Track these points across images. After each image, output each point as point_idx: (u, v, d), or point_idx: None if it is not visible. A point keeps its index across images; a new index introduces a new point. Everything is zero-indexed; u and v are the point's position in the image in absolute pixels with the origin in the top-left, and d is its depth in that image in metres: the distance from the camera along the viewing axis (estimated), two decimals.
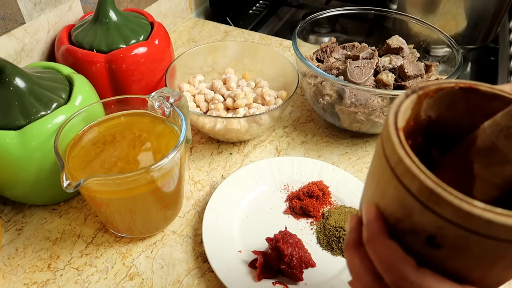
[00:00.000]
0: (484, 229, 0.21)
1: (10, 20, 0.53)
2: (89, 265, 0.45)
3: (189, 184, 0.55)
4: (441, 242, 0.23)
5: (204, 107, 0.61)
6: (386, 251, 0.24)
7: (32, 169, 0.43)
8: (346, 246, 0.28)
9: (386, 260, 0.24)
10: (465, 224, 0.21)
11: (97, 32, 0.55)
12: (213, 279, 0.44)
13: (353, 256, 0.27)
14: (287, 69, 0.62)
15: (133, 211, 0.43)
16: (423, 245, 0.24)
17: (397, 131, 0.24)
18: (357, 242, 0.27)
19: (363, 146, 0.61)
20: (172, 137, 0.45)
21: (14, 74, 0.43)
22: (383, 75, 0.56)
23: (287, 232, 0.44)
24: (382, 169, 0.25)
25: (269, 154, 0.60)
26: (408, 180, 0.22)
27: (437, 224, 0.22)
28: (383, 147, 0.25)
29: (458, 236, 0.22)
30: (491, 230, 0.21)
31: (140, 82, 0.57)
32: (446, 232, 0.22)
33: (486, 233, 0.21)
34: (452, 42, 0.60)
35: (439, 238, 0.23)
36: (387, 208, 0.25)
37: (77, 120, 0.43)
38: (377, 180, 0.26)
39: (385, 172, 0.24)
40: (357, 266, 0.27)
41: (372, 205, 0.26)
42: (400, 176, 0.23)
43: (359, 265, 0.26)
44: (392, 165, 0.24)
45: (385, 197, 0.25)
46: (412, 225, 0.23)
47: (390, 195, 0.25)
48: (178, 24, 0.90)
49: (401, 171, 0.23)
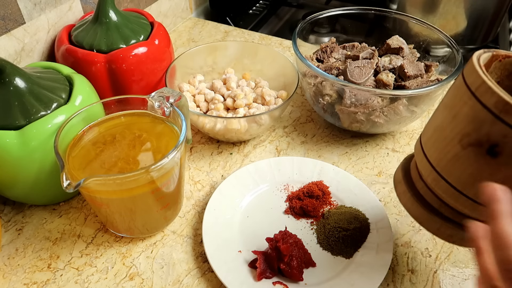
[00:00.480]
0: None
1: (10, 20, 0.53)
2: (89, 265, 0.45)
3: (189, 184, 0.55)
4: (501, 149, 0.29)
5: (204, 107, 0.61)
6: None
7: (32, 169, 0.43)
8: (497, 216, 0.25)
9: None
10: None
11: (97, 32, 0.55)
12: (213, 279, 0.44)
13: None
14: (287, 69, 0.62)
15: (133, 211, 0.43)
16: (483, 155, 0.30)
17: (480, 66, 0.31)
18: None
19: (363, 146, 0.61)
20: (172, 137, 0.45)
21: (14, 74, 0.43)
22: (383, 75, 0.56)
23: (287, 232, 0.44)
24: (460, 95, 0.32)
25: (269, 154, 0.60)
26: (487, 97, 0.29)
27: (503, 132, 0.29)
28: (464, 78, 0.32)
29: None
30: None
31: (140, 82, 0.57)
32: (508, 139, 0.29)
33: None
34: (452, 42, 0.60)
35: (500, 146, 0.29)
36: (455, 127, 0.32)
37: (77, 120, 0.43)
38: (449, 107, 0.34)
39: (463, 97, 0.31)
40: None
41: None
42: (480, 96, 0.30)
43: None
44: (472, 89, 0.30)
45: (456, 118, 0.32)
46: (478, 137, 0.30)
47: (464, 114, 0.31)
48: (178, 24, 0.90)
49: (482, 91, 0.30)
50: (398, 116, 0.55)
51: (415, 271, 0.45)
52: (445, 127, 0.34)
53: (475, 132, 0.30)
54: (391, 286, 0.44)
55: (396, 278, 0.44)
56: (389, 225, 0.47)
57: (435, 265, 0.46)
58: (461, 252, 0.47)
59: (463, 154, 0.32)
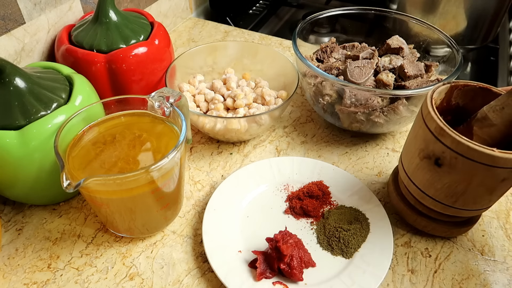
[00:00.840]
0: (466, 152, 0.37)
1: (10, 20, 0.53)
2: (89, 265, 0.45)
3: (189, 184, 0.55)
4: (442, 162, 0.39)
5: (204, 107, 0.61)
6: None
7: (32, 169, 0.43)
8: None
9: None
10: (456, 148, 0.37)
11: (97, 32, 0.55)
12: (213, 279, 0.44)
13: None
14: (287, 69, 0.62)
15: (133, 211, 0.43)
16: (432, 165, 0.41)
17: (431, 99, 0.41)
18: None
19: (363, 146, 0.61)
20: (172, 137, 0.45)
21: (14, 74, 0.43)
22: (383, 75, 0.56)
23: (287, 232, 0.44)
24: (418, 120, 0.42)
25: (269, 154, 0.60)
26: (430, 123, 0.40)
27: (441, 149, 0.39)
28: (421, 109, 0.42)
29: (452, 157, 0.38)
30: (469, 153, 0.37)
31: (140, 82, 0.57)
32: (446, 155, 0.39)
33: (466, 155, 0.37)
34: (452, 42, 0.60)
35: (441, 159, 0.39)
36: (416, 144, 0.43)
37: (77, 120, 0.43)
38: (413, 128, 0.44)
39: (419, 122, 0.42)
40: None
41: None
42: (427, 122, 0.40)
43: None
44: (423, 116, 0.41)
45: (416, 137, 0.43)
46: (428, 152, 0.41)
47: (420, 135, 0.42)
48: (178, 24, 0.90)
49: (428, 118, 0.40)
50: (398, 116, 0.55)
51: (415, 271, 0.45)
52: (411, 143, 0.44)
53: (426, 148, 0.41)
54: (391, 286, 0.44)
55: (396, 278, 0.44)
56: (389, 225, 0.47)
57: (435, 265, 0.46)
58: (461, 252, 0.47)
59: (421, 164, 0.42)
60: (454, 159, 0.38)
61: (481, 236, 0.49)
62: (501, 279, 0.45)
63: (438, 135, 0.38)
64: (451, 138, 0.37)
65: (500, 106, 0.39)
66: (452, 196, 0.41)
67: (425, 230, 0.48)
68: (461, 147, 0.37)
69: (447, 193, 0.41)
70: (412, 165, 0.44)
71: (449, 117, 0.46)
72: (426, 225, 0.47)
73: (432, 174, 0.41)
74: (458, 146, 0.37)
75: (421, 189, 0.44)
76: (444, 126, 0.38)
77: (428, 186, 0.43)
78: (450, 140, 0.38)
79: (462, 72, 0.84)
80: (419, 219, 0.47)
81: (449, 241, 0.48)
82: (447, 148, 0.38)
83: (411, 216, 0.48)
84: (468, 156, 0.37)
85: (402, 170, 0.47)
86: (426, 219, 0.47)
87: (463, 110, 0.45)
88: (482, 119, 0.41)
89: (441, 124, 0.38)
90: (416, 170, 0.43)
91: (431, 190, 0.43)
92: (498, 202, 0.53)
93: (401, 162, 0.47)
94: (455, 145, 0.37)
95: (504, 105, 0.39)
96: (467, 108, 0.45)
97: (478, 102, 0.43)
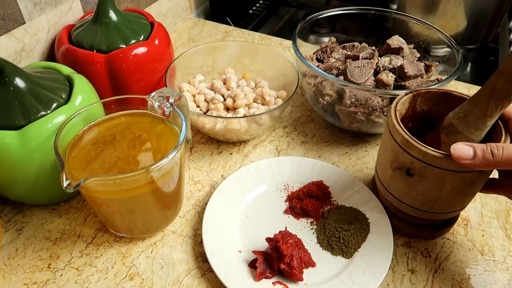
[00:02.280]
0: (432, 161, 0.38)
1: (10, 20, 0.53)
2: (89, 265, 0.45)
3: (189, 184, 0.55)
4: (413, 172, 0.40)
5: (204, 107, 0.61)
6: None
7: (32, 169, 0.43)
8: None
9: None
10: (423, 158, 0.38)
11: (97, 32, 0.55)
12: (213, 279, 0.44)
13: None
14: (287, 69, 0.62)
15: (133, 211, 0.43)
16: (404, 175, 0.42)
17: (395, 111, 0.43)
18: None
19: (363, 146, 0.61)
20: (172, 137, 0.45)
21: (14, 74, 0.43)
22: (383, 75, 0.56)
23: (287, 232, 0.44)
24: (386, 133, 0.43)
25: (269, 154, 0.60)
26: (397, 136, 0.41)
27: (410, 160, 0.40)
28: (388, 122, 0.43)
29: (421, 167, 0.39)
30: (436, 162, 0.38)
31: (140, 82, 0.57)
32: (415, 165, 0.40)
33: (434, 164, 0.38)
34: (452, 42, 0.60)
35: (412, 169, 0.40)
36: (387, 156, 0.44)
37: (77, 120, 0.43)
38: (383, 141, 0.45)
39: (387, 135, 0.43)
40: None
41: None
42: (393, 135, 0.41)
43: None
44: (390, 130, 0.42)
45: (386, 150, 0.44)
46: (398, 163, 0.42)
47: (389, 147, 0.42)
48: (178, 24, 0.90)
49: (394, 131, 0.41)
50: None
51: (415, 271, 0.45)
52: (382, 155, 0.46)
53: (396, 160, 0.42)
54: (391, 286, 0.44)
55: (396, 278, 0.44)
56: (389, 225, 0.47)
57: (435, 265, 0.46)
58: (461, 252, 0.47)
59: (394, 175, 0.43)
60: (423, 169, 0.39)
61: (481, 236, 0.49)
62: (501, 279, 0.45)
63: (405, 147, 0.40)
64: (417, 149, 0.38)
65: (464, 113, 0.40)
66: (427, 202, 0.42)
67: (408, 236, 0.48)
68: (427, 157, 0.38)
69: (422, 200, 0.42)
70: (387, 175, 0.45)
71: (417, 123, 0.47)
72: (409, 231, 0.48)
73: (406, 184, 0.42)
74: (425, 157, 0.38)
75: (398, 198, 0.45)
76: (409, 139, 0.39)
77: (403, 195, 0.44)
78: (416, 151, 0.39)
79: (462, 72, 0.84)
80: (402, 226, 0.48)
81: (449, 241, 0.48)
82: (415, 158, 0.39)
83: (394, 224, 0.48)
84: (435, 164, 0.38)
85: (378, 180, 0.48)
86: (408, 225, 0.48)
87: (429, 115, 0.47)
88: (448, 126, 0.42)
89: (406, 137, 0.39)
90: (391, 180, 0.44)
91: (408, 199, 0.44)
92: (498, 202, 0.53)
93: (376, 172, 0.48)
94: (421, 155, 0.38)
95: (467, 113, 0.40)
96: (432, 113, 0.46)
97: (442, 106, 0.45)
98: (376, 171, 0.49)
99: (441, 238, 0.48)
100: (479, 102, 0.38)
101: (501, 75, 0.36)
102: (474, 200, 0.53)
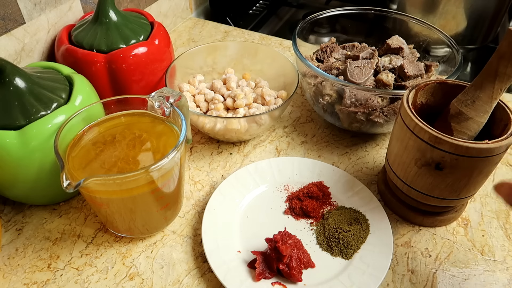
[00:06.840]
0: (465, 152, 0.39)
1: (10, 20, 0.53)
2: (89, 265, 0.45)
3: (189, 184, 0.55)
4: (443, 165, 0.41)
5: (204, 107, 0.61)
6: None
7: (32, 169, 0.43)
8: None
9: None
10: (455, 151, 0.40)
11: (97, 32, 0.55)
12: (213, 279, 0.44)
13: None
14: (287, 69, 0.62)
15: (133, 211, 0.43)
16: (433, 170, 0.43)
17: (411, 109, 0.43)
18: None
19: (363, 146, 0.61)
20: (172, 137, 0.45)
21: (14, 74, 0.43)
22: (383, 75, 0.56)
23: (286, 233, 0.44)
24: (404, 132, 0.44)
25: (269, 154, 0.60)
26: (422, 134, 0.41)
27: (440, 154, 0.41)
28: (403, 120, 0.44)
29: (452, 159, 0.40)
30: (468, 151, 0.39)
31: (140, 82, 0.57)
32: (446, 159, 0.41)
33: (466, 154, 0.39)
34: (452, 42, 0.60)
35: (442, 163, 0.41)
36: (409, 155, 0.44)
37: (77, 120, 0.43)
38: (400, 140, 0.45)
39: (406, 134, 0.43)
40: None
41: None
42: (417, 134, 0.42)
43: None
44: (411, 129, 0.42)
45: (407, 149, 0.44)
46: (426, 160, 0.42)
47: (411, 146, 0.43)
48: (178, 24, 0.90)
49: (418, 130, 0.42)
50: None
51: (415, 271, 0.45)
52: (402, 155, 0.45)
53: (423, 157, 0.43)
54: (391, 286, 0.44)
55: (396, 278, 0.44)
56: (389, 226, 0.47)
57: (435, 265, 0.46)
58: (461, 252, 0.47)
59: (420, 171, 0.44)
60: (454, 161, 0.41)
61: (481, 236, 0.49)
62: (501, 279, 0.45)
63: (434, 143, 0.41)
64: (448, 143, 0.40)
65: (471, 100, 0.42)
66: (456, 190, 0.44)
67: (431, 225, 0.50)
68: (460, 149, 0.39)
69: (451, 189, 0.44)
70: (410, 173, 0.45)
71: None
72: (433, 221, 0.49)
73: (435, 178, 0.43)
74: (457, 149, 0.39)
75: (425, 193, 0.46)
76: (438, 135, 0.40)
77: (432, 189, 0.45)
78: (448, 145, 0.40)
79: (462, 72, 0.84)
80: (426, 219, 0.49)
81: (449, 241, 0.48)
82: (446, 152, 0.40)
83: (417, 218, 0.50)
84: (467, 154, 0.40)
85: (397, 179, 0.48)
86: (433, 216, 0.49)
87: (426, 106, 0.49)
88: (457, 114, 0.44)
89: (434, 133, 0.40)
90: (416, 178, 0.45)
91: (436, 191, 0.45)
92: (498, 202, 0.53)
93: (394, 172, 0.48)
94: (453, 149, 0.40)
95: (474, 99, 0.42)
96: (429, 103, 0.49)
97: (438, 96, 0.48)
98: (392, 170, 0.48)
99: (441, 238, 0.49)
100: (484, 87, 0.41)
101: (501, 58, 0.39)
102: (474, 200, 0.53)
